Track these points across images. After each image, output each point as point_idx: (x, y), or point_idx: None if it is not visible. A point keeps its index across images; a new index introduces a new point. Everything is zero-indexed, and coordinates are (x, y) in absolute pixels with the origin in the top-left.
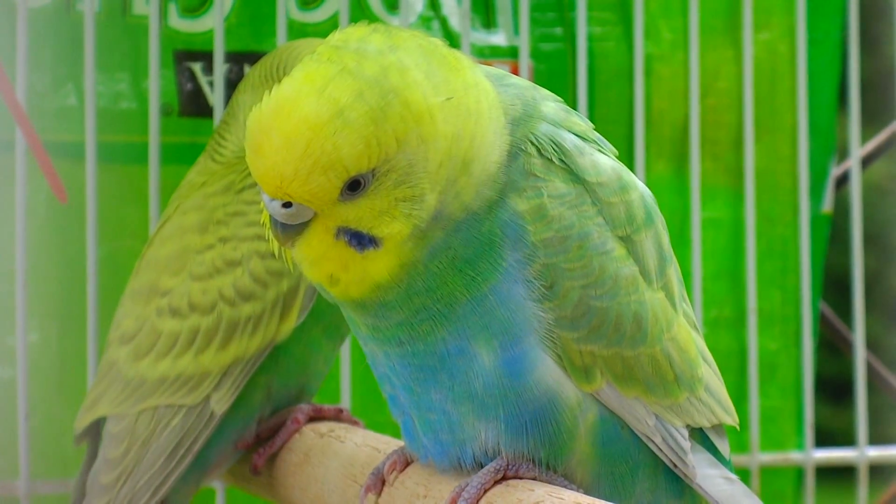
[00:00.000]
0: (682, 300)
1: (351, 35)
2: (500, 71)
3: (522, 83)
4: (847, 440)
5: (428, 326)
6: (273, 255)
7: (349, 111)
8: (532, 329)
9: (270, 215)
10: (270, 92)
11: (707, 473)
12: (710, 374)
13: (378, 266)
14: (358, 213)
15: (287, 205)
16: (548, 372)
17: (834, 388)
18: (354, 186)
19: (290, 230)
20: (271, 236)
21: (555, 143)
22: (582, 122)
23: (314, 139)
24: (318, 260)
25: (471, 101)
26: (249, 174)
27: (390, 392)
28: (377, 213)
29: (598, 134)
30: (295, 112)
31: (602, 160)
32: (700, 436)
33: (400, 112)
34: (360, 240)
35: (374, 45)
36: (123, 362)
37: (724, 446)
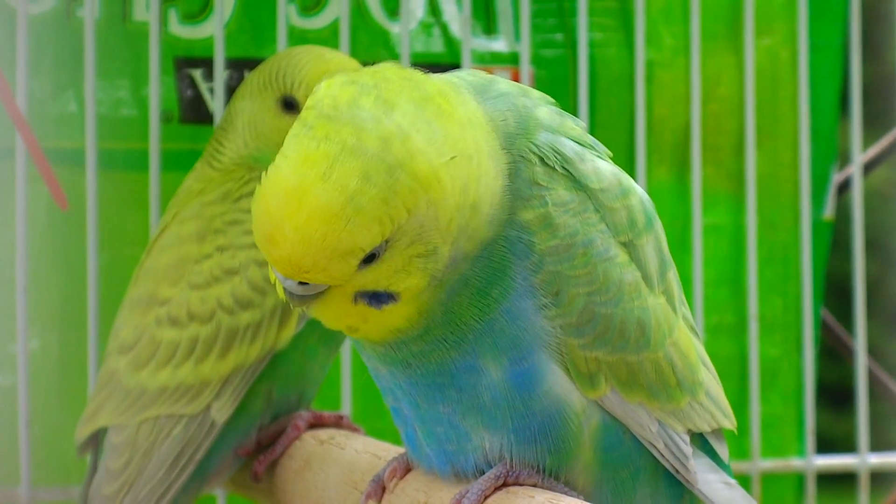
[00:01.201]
0: (681, 304)
1: (339, 99)
2: (486, 78)
3: (511, 89)
4: (848, 447)
5: (440, 353)
6: None
7: (359, 196)
8: (540, 341)
9: (285, 291)
10: (268, 174)
11: (707, 479)
12: (710, 379)
13: (397, 315)
14: (374, 277)
15: (303, 282)
16: (556, 381)
17: (835, 394)
18: (369, 259)
19: (307, 299)
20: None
21: (556, 151)
22: (575, 126)
23: (329, 232)
24: (336, 319)
25: (469, 144)
26: (247, 182)
27: (393, 404)
28: (393, 272)
29: (591, 137)
30: (304, 204)
31: (602, 166)
32: (700, 440)
33: (409, 185)
34: (380, 298)
35: (368, 110)
36: (123, 372)
37: (723, 451)
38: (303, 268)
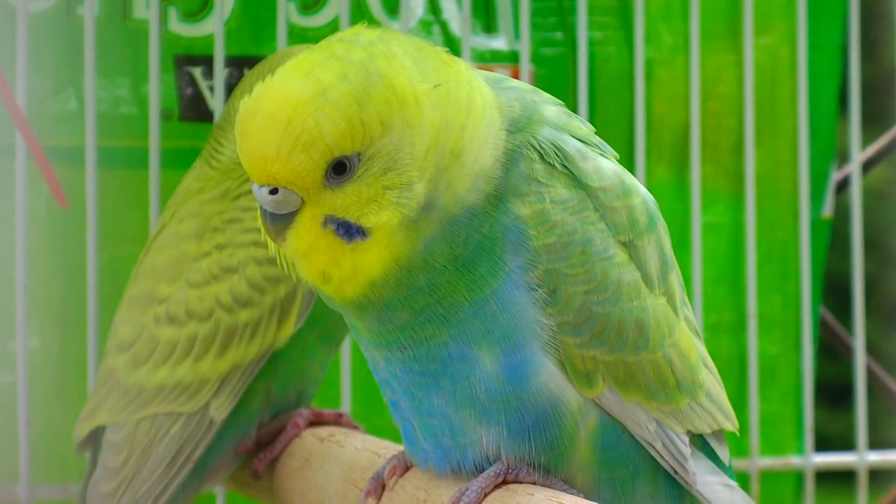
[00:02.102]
0: (683, 305)
1: (348, 31)
2: (498, 75)
3: (523, 86)
4: (847, 444)
5: (430, 330)
6: (270, 261)
7: (331, 90)
8: (535, 335)
9: (262, 210)
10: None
11: (707, 480)
12: (711, 380)
13: (369, 259)
14: (345, 201)
15: (274, 191)
16: (550, 377)
17: (834, 392)
18: (340, 170)
19: (280, 221)
20: (269, 241)
21: (557, 148)
22: (584, 126)
23: (295, 116)
24: (308, 253)
25: (462, 93)
26: (245, 180)
27: (391, 397)
28: (364, 200)
29: (599, 138)
30: (279, 93)
31: (605, 164)
32: (700, 442)
33: (384, 94)
34: (348, 229)
35: (366, 36)
36: (122, 370)
37: (724, 452)
38: (267, 158)
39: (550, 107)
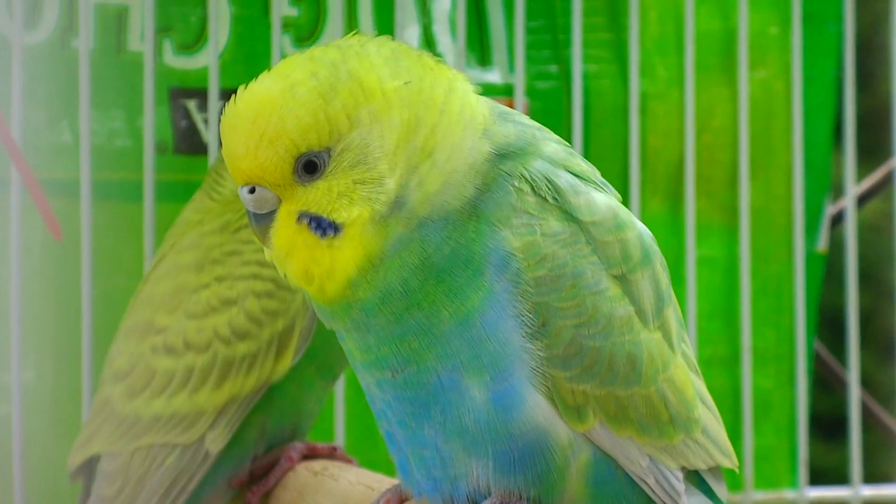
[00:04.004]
0: (681, 341)
1: (342, 38)
2: (509, 109)
3: (530, 123)
4: (841, 478)
5: (416, 344)
6: (269, 294)
7: (299, 87)
8: (522, 364)
9: (247, 213)
10: None
11: None
12: (709, 417)
13: (345, 255)
14: (317, 196)
15: (252, 191)
16: (537, 409)
17: (828, 426)
18: (311, 168)
19: (262, 222)
20: (268, 255)
21: (548, 181)
22: (584, 165)
23: (261, 113)
24: (289, 251)
25: (437, 94)
26: (246, 213)
27: (387, 429)
28: (335, 195)
29: (601, 177)
30: (252, 94)
31: (598, 199)
32: (697, 478)
33: (350, 88)
34: (321, 223)
35: (350, 41)
36: (117, 400)
37: (720, 489)
38: (238, 156)
39: (552, 144)
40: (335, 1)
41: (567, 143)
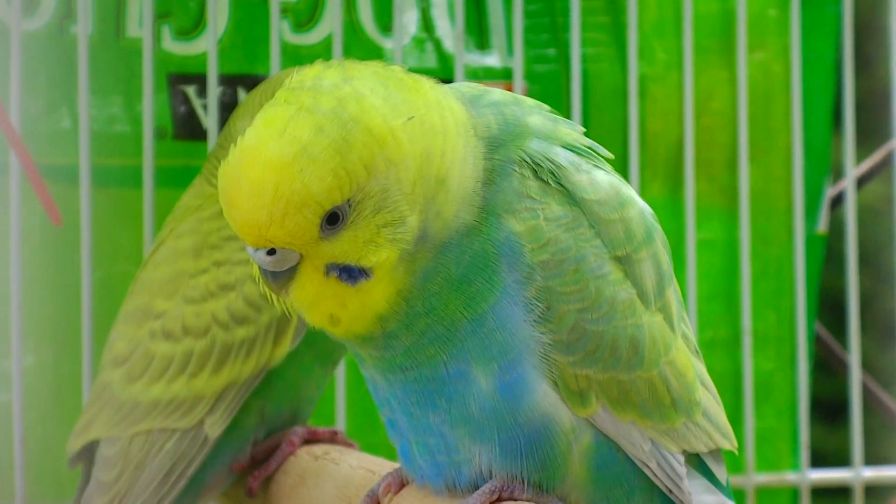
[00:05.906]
0: (680, 321)
1: (306, 75)
2: (479, 89)
3: (504, 98)
4: (842, 460)
5: (432, 349)
6: None
7: (312, 147)
8: (530, 352)
9: (260, 269)
10: (235, 143)
11: (703, 500)
12: (709, 399)
13: (375, 296)
14: (343, 247)
15: (271, 252)
16: (543, 396)
17: (829, 408)
18: (333, 220)
19: (280, 277)
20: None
21: (550, 161)
22: (571, 130)
23: (282, 181)
24: (314, 302)
25: (434, 118)
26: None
27: (389, 416)
28: (362, 243)
29: (589, 139)
30: (259, 158)
31: (599, 176)
32: (697, 461)
33: (362, 139)
34: (351, 273)
35: (329, 80)
36: (117, 385)
37: (721, 472)
38: (260, 225)
39: (535, 116)
40: None
41: (547, 107)
